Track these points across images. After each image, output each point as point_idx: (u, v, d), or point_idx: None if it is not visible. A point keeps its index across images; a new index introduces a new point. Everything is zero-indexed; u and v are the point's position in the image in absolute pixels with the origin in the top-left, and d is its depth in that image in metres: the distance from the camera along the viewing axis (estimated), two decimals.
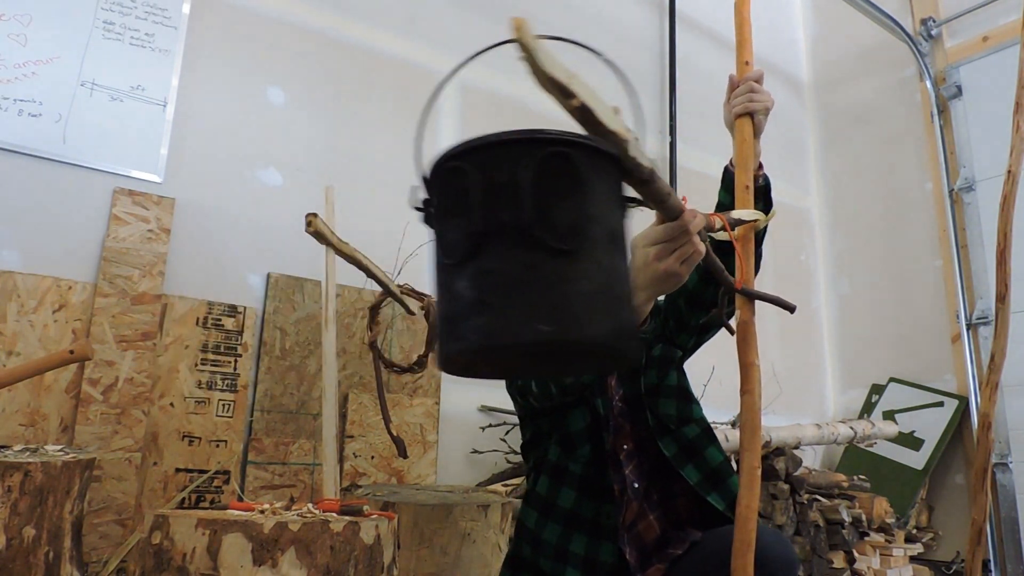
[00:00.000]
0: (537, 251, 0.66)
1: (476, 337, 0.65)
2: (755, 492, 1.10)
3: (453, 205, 0.72)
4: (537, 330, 0.63)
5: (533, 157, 0.69)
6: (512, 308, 0.65)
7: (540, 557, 1.39)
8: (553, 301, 0.65)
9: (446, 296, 0.70)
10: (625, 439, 1.45)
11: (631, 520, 1.40)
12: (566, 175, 0.70)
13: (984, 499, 1.93)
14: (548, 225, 0.66)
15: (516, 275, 0.66)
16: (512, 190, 0.68)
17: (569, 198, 0.69)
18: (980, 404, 2.05)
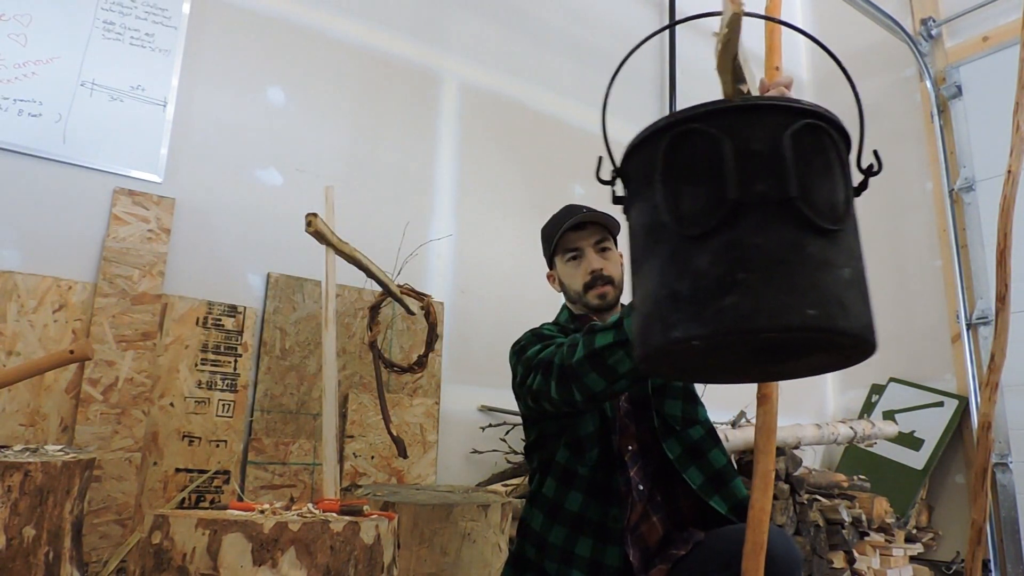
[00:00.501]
0: (800, 228, 0.59)
1: (727, 320, 0.57)
2: (769, 495, 1.09)
3: (693, 171, 0.64)
4: (804, 315, 0.56)
5: (791, 126, 0.62)
6: (773, 288, 0.57)
7: (545, 559, 1.39)
8: (817, 285, 0.57)
9: (675, 272, 0.61)
10: (630, 440, 1.45)
11: (635, 521, 1.40)
12: (822, 148, 0.64)
13: (984, 499, 1.93)
14: (810, 200, 0.60)
15: (778, 253, 0.58)
16: (773, 159, 0.60)
17: (827, 174, 0.63)
18: (980, 404, 2.05)
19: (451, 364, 2.70)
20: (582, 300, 1.53)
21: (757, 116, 0.63)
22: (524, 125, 3.14)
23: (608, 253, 1.54)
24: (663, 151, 0.66)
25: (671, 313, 0.60)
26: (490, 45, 3.12)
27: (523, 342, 1.52)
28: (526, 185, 3.09)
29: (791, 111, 0.63)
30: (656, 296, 0.62)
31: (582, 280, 1.51)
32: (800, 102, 0.64)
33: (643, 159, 0.69)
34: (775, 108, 0.64)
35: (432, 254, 2.74)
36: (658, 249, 0.64)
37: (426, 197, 2.79)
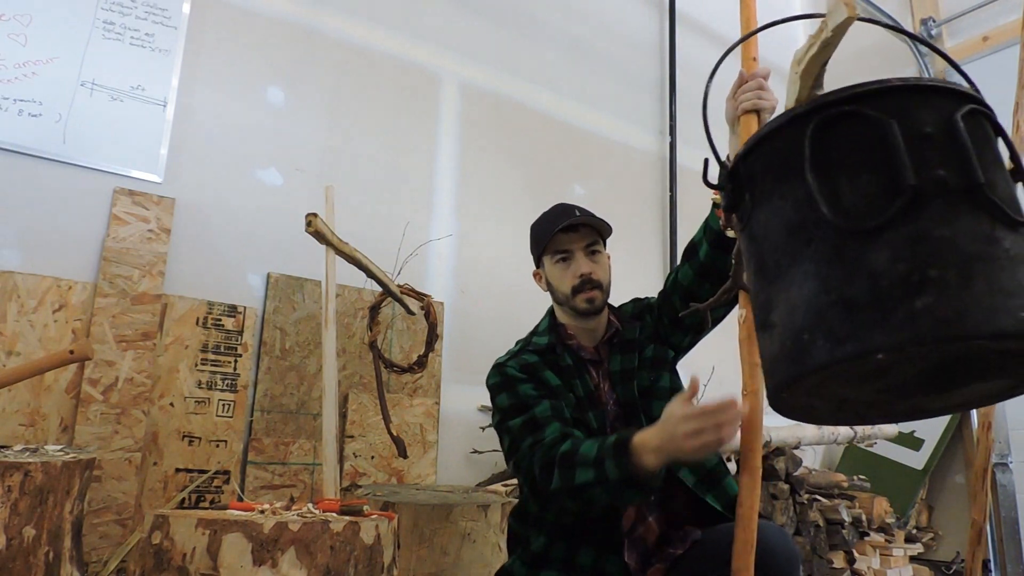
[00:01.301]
0: (993, 219, 0.51)
1: (925, 325, 0.48)
2: (757, 492, 1.10)
3: (851, 158, 0.57)
4: (1018, 319, 0.47)
5: (959, 109, 0.55)
6: (975, 288, 0.48)
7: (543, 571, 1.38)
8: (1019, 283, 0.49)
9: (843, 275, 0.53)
10: None
11: (630, 525, 1.40)
12: (987, 137, 0.57)
13: (984, 499, 1.93)
14: (995, 189, 0.52)
15: (973, 247, 0.50)
16: (951, 143, 0.53)
17: (997, 164, 0.56)
18: None
19: (451, 364, 2.70)
20: (569, 303, 1.51)
21: (923, 97, 0.56)
22: (524, 125, 3.14)
23: (598, 256, 1.52)
24: (810, 137, 0.59)
25: (842, 323, 0.52)
26: (490, 45, 3.12)
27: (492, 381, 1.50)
28: (526, 185, 3.09)
29: (955, 94, 0.57)
30: (816, 305, 0.54)
31: (570, 283, 1.50)
32: (960, 86, 0.59)
33: (776, 152, 0.62)
34: (940, 90, 0.57)
35: (432, 254, 2.74)
36: (811, 250, 0.56)
37: (426, 197, 2.79)
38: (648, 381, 1.48)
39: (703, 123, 0.80)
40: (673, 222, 3.50)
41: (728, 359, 1.22)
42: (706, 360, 3.14)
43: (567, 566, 1.37)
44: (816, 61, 0.60)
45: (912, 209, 0.52)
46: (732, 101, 1.36)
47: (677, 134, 3.55)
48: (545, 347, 1.53)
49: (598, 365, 1.53)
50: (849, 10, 0.57)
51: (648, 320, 1.57)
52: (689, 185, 3.57)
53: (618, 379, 1.49)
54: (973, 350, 0.53)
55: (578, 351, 1.53)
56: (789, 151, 0.60)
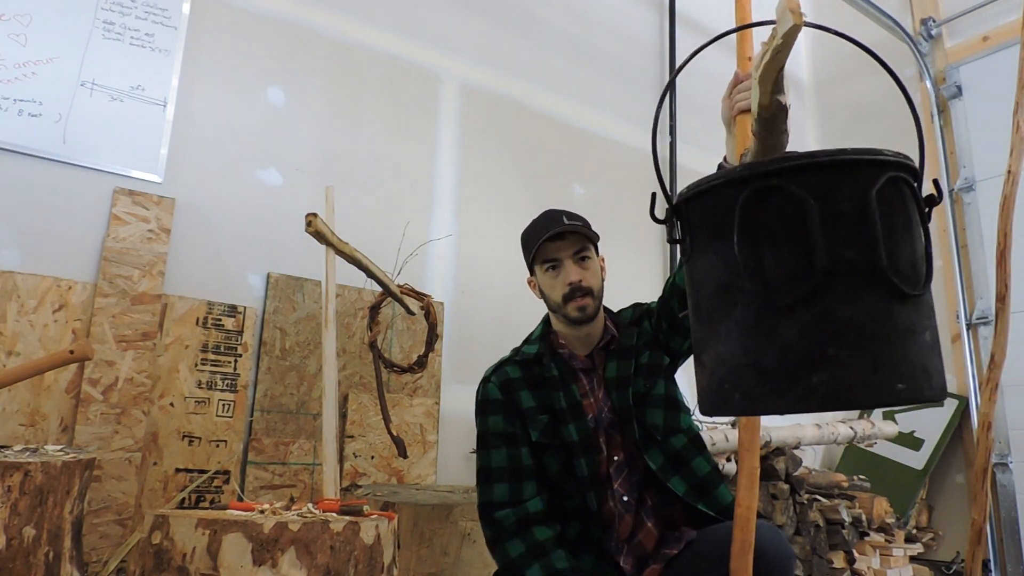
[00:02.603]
0: (888, 297, 0.57)
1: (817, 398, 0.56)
2: (755, 493, 1.10)
3: (777, 232, 0.61)
4: (894, 391, 0.55)
5: (875, 183, 0.59)
6: (863, 365, 0.55)
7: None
8: (906, 356, 0.56)
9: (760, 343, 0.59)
10: (616, 450, 1.45)
11: (628, 533, 1.41)
12: (904, 205, 0.61)
13: (984, 499, 1.93)
14: (896, 266, 0.58)
15: (868, 326, 0.56)
16: (860, 222, 0.58)
17: (909, 232, 0.60)
18: (980, 404, 2.05)
19: (451, 364, 2.70)
20: (561, 311, 1.51)
21: (842, 173, 0.60)
22: (524, 125, 3.14)
23: (587, 263, 1.50)
24: (741, 206, 0.63)
25: (755, 385, 0.59)
26: (490, 45, 3.12)
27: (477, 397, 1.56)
28: (526, 185, 3.09)
29: (875, 164, 0.61)
30: (737, 364, 0.61)
31: (561, 291, 1.49)
32: (881, 153, 0.62)
33: (713, 208, 0.65)
34: (860, 164, 0.60)
35: (432, 254, 2.74)
36: (737, 313, 0.61)
37: (426, 197, 2.79)
38: (643, 388, 1.48)
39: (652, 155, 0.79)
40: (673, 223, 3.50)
41: None
42: None
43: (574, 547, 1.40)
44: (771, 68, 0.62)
45: (821, 289, 0.57)
46: (728, 101, 1.36)
47: (677, 134, 3.55)
48: (532, 358, 1.53)
49: (590, 373, 1.53)
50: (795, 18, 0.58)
51: (646, 326, 1.56)
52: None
53: (613, 386, 1.49)
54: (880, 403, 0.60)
55: (569, 360, 1.53)
56: (723, 212, 0.64)
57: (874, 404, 0.57)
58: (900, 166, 0.62)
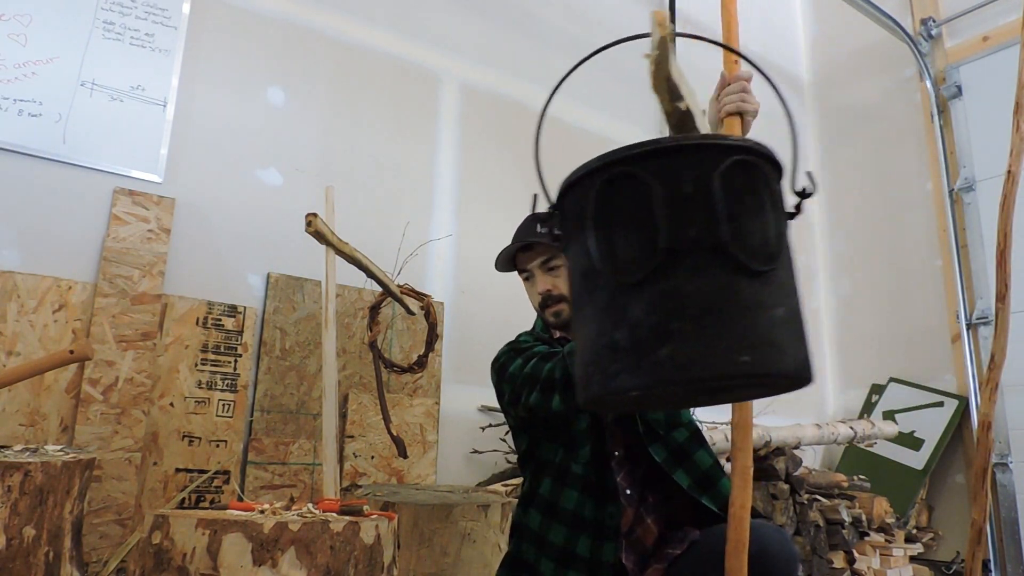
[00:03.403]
0: (733, 272, 0.59)
1: (663, 371, 0.58)
2: (748, 492, 1.10)
3: (625, 216, 0.63)
4: (737, 362, 0.57)
5: (720, 165, 0.62)
6: (706, 338, 0.58)
7: (543, 559, 1.39)
8: (750, 329, 0.58)
9: (611, 321, 0.62)
10: (617, 445, 1.46)
11: (629, 526, 1.40)
12: (753, 186, 0.64)
13: (984, 499, 1.93)
14: (743, 243, 0.60)
15: (710, 299, 0.58)
16: (703, 202, 0.61)
17: (760, 212, 0.63)
18: (980, 404, 2.05)
19: (451, 364, 2.70)
20: (542, 317, 1.58)
21: (685, 157, 0.62)
22: (524, 125, 3.14)
23: (557, 271, 1.54)
24: (594, 194, 0.66)
25: (611, 363, 0.61)
26: (490, 45, 3.12)
27: (502, 359, 1.55)
28: (526, 185, 3.09)
29: (720, 148, 0.63)
30: (596, 344, 0.63)
31: (536, 300, 1.56)
32: (728, 139, 0.65)
33: (576, 200, 0.68)
34: (703, 147, 0.63)
35: (432, 254, 2.74)
36: (595, 296, 0.63)
37: (426, 197, 2.79)
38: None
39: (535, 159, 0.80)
40: None
41: None
42: None
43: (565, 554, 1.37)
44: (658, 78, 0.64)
45: (665, 267, 0.59)
46: (715, 103, 1.36)
47: None
48: (546, 338, 1.57)
49: None
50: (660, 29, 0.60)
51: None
52: None
53: None
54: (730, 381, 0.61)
55: None
56: (583, 202, 0.67)
57: (719, 375, 0.57)
58: (747, 150, 0.64)
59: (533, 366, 1.39)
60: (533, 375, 1.38)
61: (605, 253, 0.64)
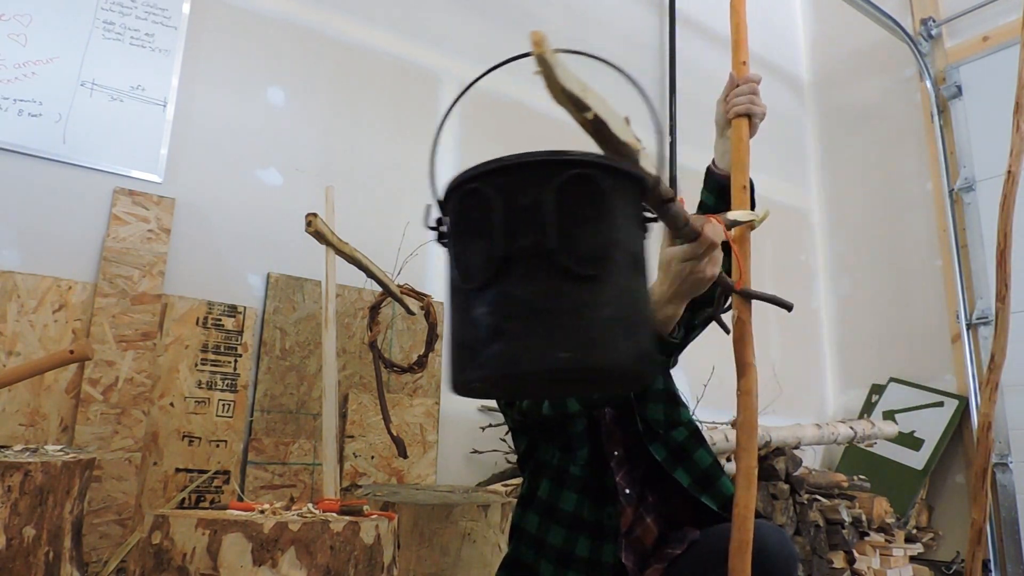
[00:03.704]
0: (559, 277, 0.65)
1: (496, 365, 0.65)
2: (752, 492, 1.10)
3: (472, 228, 0.71)
4: (556, 358, 0.63)
5: (556, 179, 0.67)
6: (532, 336, 0.64)
7: (542, 561, 1.39)
8: (574, 328, 0.64)
9: (463, 321, 0.69)
10: (616, 445, 1.46)
11: (628, 525, 1.41)
12: (590, 198, 0.68)
13: (984, 499, 1.93)
14: (571, 250, 0.65)
15: (537, 302, 0.65)
16: (535, 214, 0.66)
17: (593, 222, 0.68)
18: (980, 404, 2.05)
19: None
20: None
21: (526, 172, 0.68)
22: (524, 125, 3.14)
23: None
24: (453, 208, 0.74)
25: (460, 358, 0.69)
26: (490, 45, 3.12)
27: None
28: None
29: (560, 164, 0.68)
30: (453, 342, 0.71)
31: None
32: (570, 154, 0.69)
33: (448, 213, 0.77)
34: (544, 163, 0.68)
35: (432, 254, 2.74)
36: (455, 300, 0.71)
37: (426, 197, 2.78)
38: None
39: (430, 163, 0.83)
40: None
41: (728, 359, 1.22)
42: (706, 360, 3.14)
43: (564, 556, 1.37)
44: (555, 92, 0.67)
45: (502, 273, 0.66)
46: (723, 104, 1.37)
47: (677, 134, 3.55)
48: None
49: None
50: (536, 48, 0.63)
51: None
52: (689, 185, 3.57)
53: None
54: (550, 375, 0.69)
55: None
56: (448, 212, 0.75)
57: (542, 369, 0.64)
58: (587, 164, 0.69)
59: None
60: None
61: (458, 262, 0.71)
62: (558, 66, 0.64)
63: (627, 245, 0.69)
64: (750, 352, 1.16)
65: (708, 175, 1.45)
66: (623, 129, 0.72)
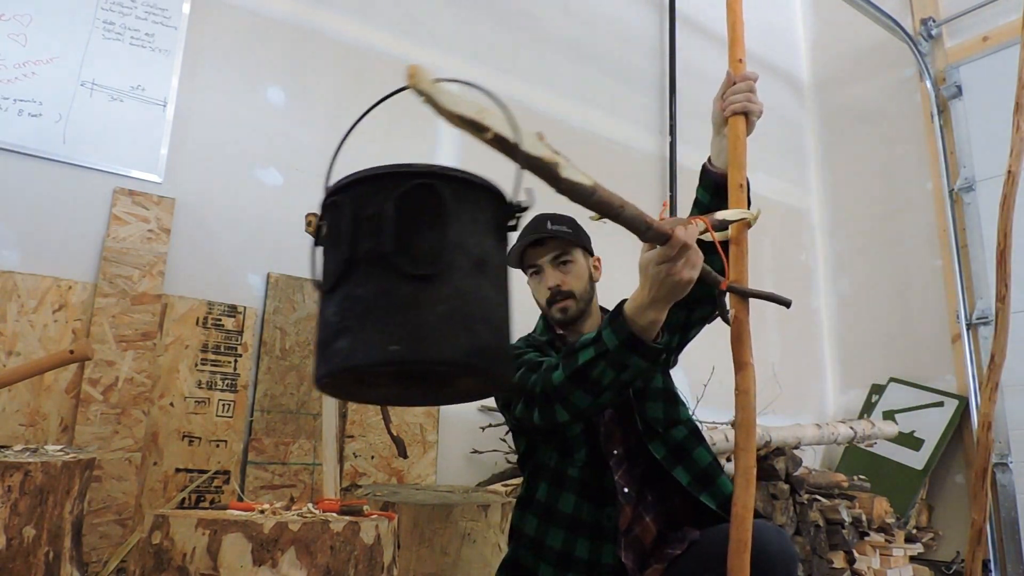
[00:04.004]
0: (393, 277, 0.71)
1: (338, 360, 0.70)
2: (751, 492, 1.10)
3: (331, 237, 0.78)
4: (387, 351, 0.68)
5: (397, 189, 0.75)
6: (366, 331, 0.69)
7: (541, 563, 1.39)
8: (406, 323, 0.69)
9: (319, 322, 0.76)
10: (616, 444, 1.46)
11: (627, 524, 1.41)
12: (430, 205, 0.74)
13: (984, 499, 1.93)
14: (406, 252, 0.71)
15: (373, 300, 0.70)
16: (376, 221, 0.73)
17: (431, 227, 0.73)
18: (980, 404, 2.05)
19: None
20: (547, 314, 1.58)
21: (374, 184, 0.76)
22: (524, 125, 3.13)
23: (568, 267, 1.54)
24: (318, 221, 0.81)
25: (316, 355, 0.75)
26: (490, 45, 3.12)
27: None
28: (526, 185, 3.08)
29: (404, 175, 0.75)
30: (314, 341, 0.79)
31: (543, 296, 1.55)
32: (415, 166, 0.76)
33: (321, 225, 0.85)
34: (389, 175, 0.76)
35: None
36: (318, 303, 0.78)
37: None
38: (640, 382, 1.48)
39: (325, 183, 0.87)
40: None
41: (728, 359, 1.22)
42: (706, 360, 3.14)
43: (563, 558, 1.37)
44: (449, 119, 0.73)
45: (347, 275, 0.72)
46: (720, 102, 1.37)
47: (677, 134, 3.55)
48: (547, 342, 1.56)
49: None
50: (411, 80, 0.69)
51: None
52: (689, 185, 3.57)
53: None
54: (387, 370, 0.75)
55: None
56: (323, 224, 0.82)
57: (375, 360, 0.69)
58: (430, 175, 0.76)
59: (520, 376, 1.40)
60: (520, 385, 1.39)
61: (322, 268, 0.78)
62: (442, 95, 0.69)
63: (469, 248, 0.75)
64: (747, 351, 1.16)
65: (703, 173, 1.45)
66: (533, 144, 0.79)
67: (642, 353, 1.17)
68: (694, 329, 1.53)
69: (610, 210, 0.91)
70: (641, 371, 1.21)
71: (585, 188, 0.85)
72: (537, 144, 0.78)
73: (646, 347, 1.17)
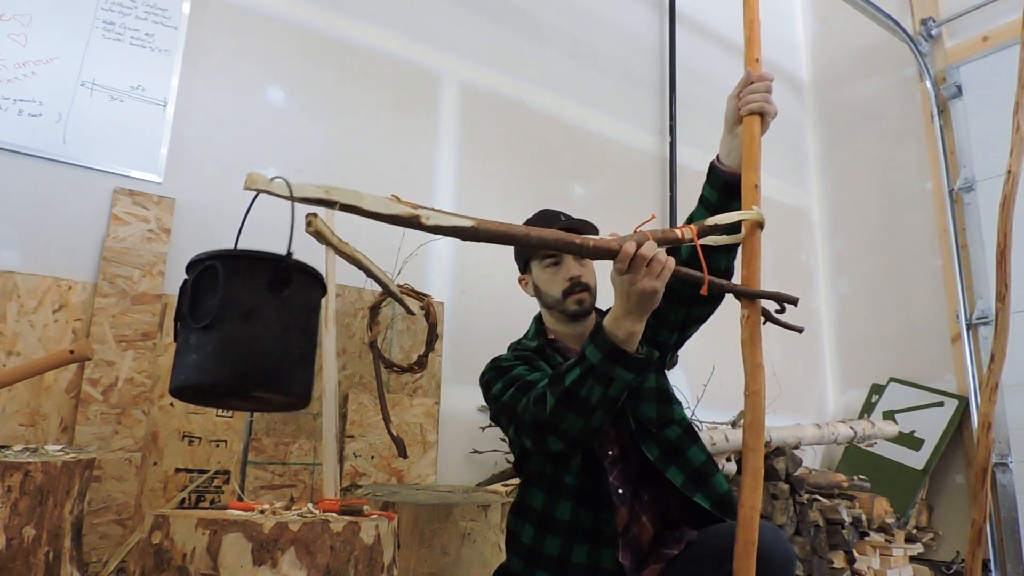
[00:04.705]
0: (188, 328, 1.10)
1: (172, 381, 1.13)
2: (758, 493, 1.10)
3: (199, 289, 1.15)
4: (186, 375, 1.08)
5: (194, 270, 1.13)
6: (178, 364, 1.11)
7: (538, 571, 1.39)
8: (188, 360, 1.08)
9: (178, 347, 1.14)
10: (610, 444, 1.46)
11: (624, 525, 1.40)
12: (211, 279, 1.10)
13: (984, 499, 1.93)
14: (195, 312, 1.10)
15: (180, 343, 1.12)
16: (183, 292, 1.13)
17: (211, 293, 1.09)
18: (980, 404, 2.05)
19: (451, 364, 2.70)
20: (560, 306, 1.56)
21: (191, 267, 1.14)
22: (524, 125, 3.14)
23: (586, 261, 1.56)
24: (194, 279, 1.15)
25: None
26: (490, 45, 3.12)
27: (486, 377, 1.55)
28: (526, 185, 3.09)
29: (198, 261, 1.12)
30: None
31: (561, 286, 1.54)
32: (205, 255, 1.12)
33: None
34: (194, 262, 1.14)
35: (432, 254, 2.74)
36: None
37: (426, 197, 2.79)
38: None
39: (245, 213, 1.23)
40: (673, 222, 3.50)
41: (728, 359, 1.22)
42: (706, 360, 3.14)
43: (560, 564, 1.37)
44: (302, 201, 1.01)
45: (182, 330, 1.12)
46: (735, 100, 1.35)
47: (677, 134, 3.55)
48: (534, 349, 1.56)
49: None
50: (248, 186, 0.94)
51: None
52: (689, 185, 3.57)
53: None
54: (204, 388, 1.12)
55: (566, 354, 1.55)
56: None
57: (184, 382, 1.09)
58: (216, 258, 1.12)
59: (511, 396, 1.40)
60: (510, 406, 1.40)
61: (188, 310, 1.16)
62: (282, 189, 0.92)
63: (239, 304, 1.08)
64: (759, 352, 1.17)
65: (712, 171, 1.45)
66: (387, 205, 1.00)
67: (626, 365, 1.20)
68: (692, 328, 1.53)
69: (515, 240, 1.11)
70: (627, 384, 1.23)
71: (467, 229, 1.06)
72: (392, 204, 0.98)
73: (629, 358, 1.20)
